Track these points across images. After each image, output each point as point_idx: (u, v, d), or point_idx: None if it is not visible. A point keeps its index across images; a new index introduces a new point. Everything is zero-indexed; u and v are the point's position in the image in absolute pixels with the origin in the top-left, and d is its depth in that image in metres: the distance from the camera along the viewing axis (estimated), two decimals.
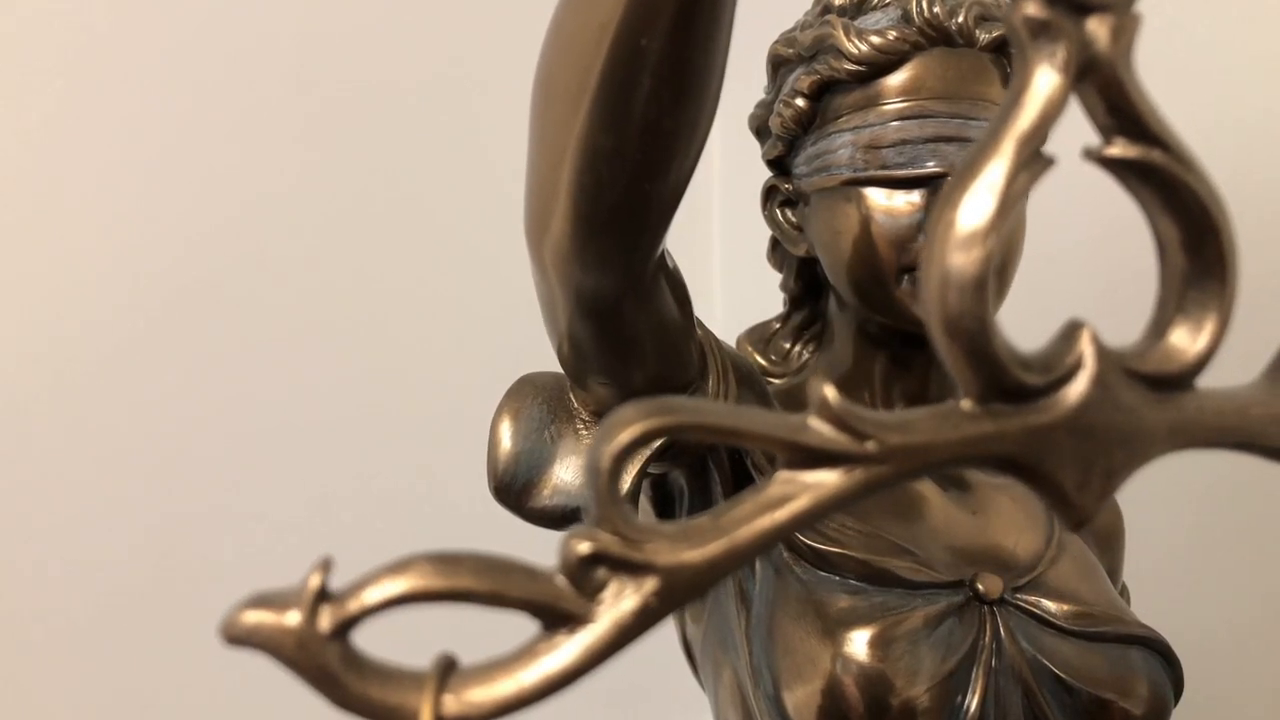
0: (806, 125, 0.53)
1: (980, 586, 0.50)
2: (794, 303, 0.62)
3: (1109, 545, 0.63)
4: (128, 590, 0.86)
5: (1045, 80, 0.21)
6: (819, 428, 0.20)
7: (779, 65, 0.55)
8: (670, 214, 0.39)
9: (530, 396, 0.48)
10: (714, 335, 0.50)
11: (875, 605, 0.48)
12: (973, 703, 0.48)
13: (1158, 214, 0.22)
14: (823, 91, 0.52)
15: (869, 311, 0.54)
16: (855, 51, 0.50)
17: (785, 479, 0.20)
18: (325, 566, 0.19)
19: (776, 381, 0.61)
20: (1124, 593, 0.67)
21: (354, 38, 1.00)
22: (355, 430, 0.98)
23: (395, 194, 1.02)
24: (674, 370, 0.46)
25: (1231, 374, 0.24)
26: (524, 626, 0.20)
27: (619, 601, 0.19)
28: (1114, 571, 0.64)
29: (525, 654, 0.19)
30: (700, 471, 0.51)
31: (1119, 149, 0.22)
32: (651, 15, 0.31)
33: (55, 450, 0.86)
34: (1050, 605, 0.51)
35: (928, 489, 0.55)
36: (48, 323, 0.87)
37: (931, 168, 0.49)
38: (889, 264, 0.51)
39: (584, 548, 0.19)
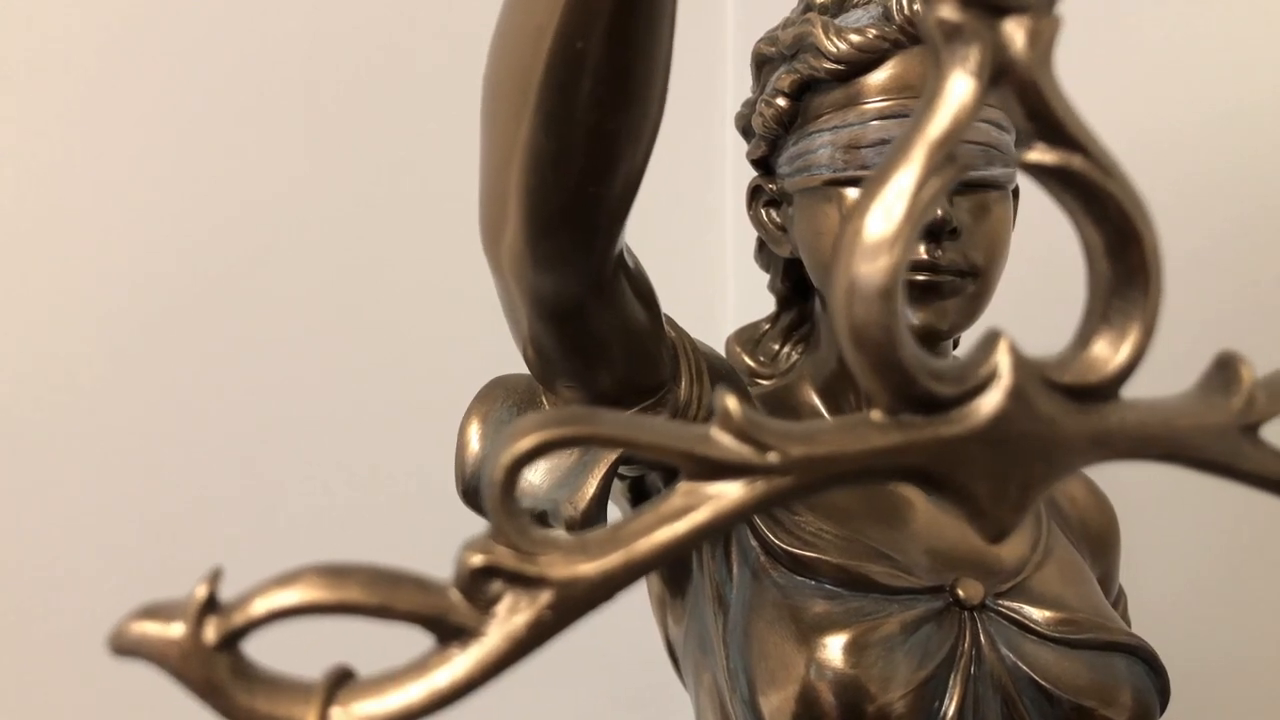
0: (788, 125, 0.53)
1: (960, 592, 0.50)
2: (782, 303, 0.61)
3: (1102, 550, 0.62)
4: (131, 590, 0.87)
5: (957, 85, 0.20)
6: (720, 439, 0.20)
7: (762, 64, 0.55)
8: (622, 215, 0.38)
9: (500, 399, 0.48)
10: (689, 336, 0.50)
11: (850, 610, 0.48)
12: (950, 709, 0.47)
13: (1081, 220, 0.22)
14: (803, 90, 0.52)
15: None
16: (834, 50, 0.49)
17: (687, 490, 0.20)
18: (214, 578, 0.19)
19: (765, 383, 0.61)
20: (1120, 596, 0.66)
21: (358, 40, 1.00)
22: (360, 427, 0.98)
23: (398, 193, 1.02)
24: (642, 373, 0.45)
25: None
26: None
27: (512, 615, 0.19)
28: (1108, 576, 0.63)
29: (417, 667, 0.19)
30: (676, 473, 0.51)
31: (1037, 154, 0.21)
32: (586, 18, 0.31)
33: (59, 448, 0.87)
34: (1033, 611, 0.50)
35: (912, 492, 0.55)
36: (54, 321, 0.88)
37: None
38: None
39: (476, 560, 0.19)
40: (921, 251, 0.49)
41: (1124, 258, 0.22)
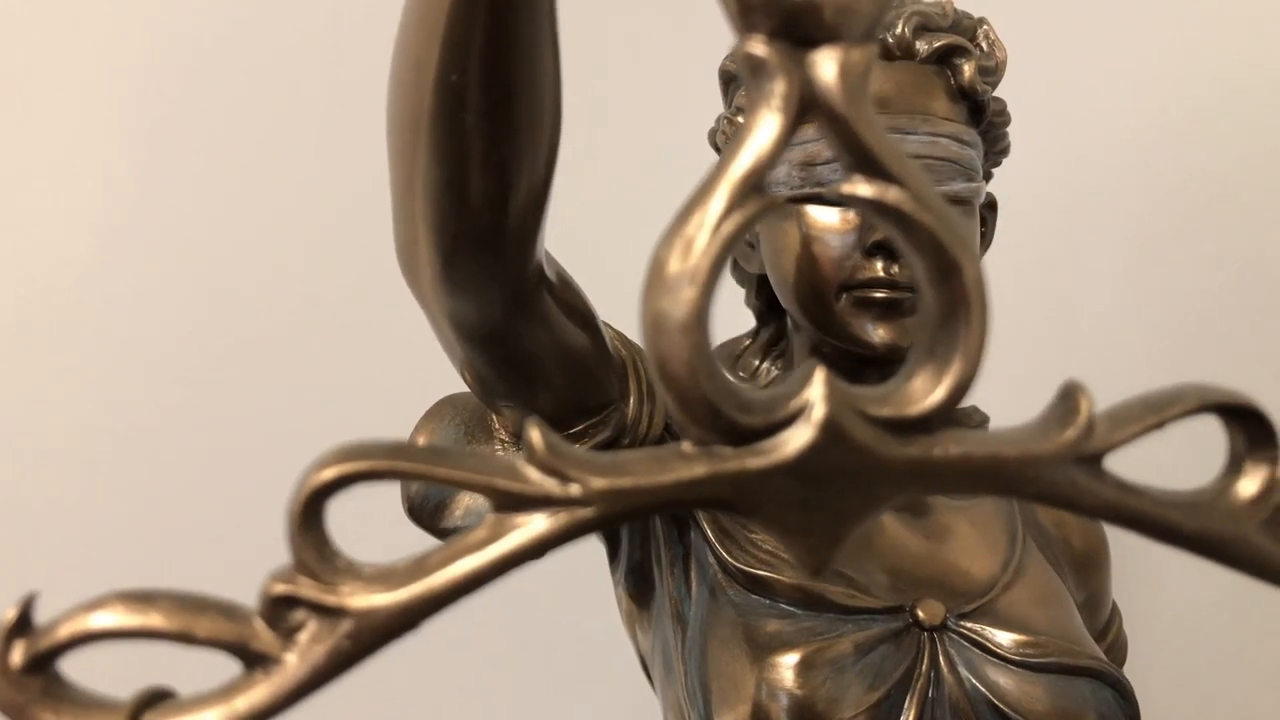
0: None
1: (920, 613, 0.49)
2: (760, 319, 0.61)
3: (1088, 571, 0.60)
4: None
5: (762, 121, 0.21)
6: (525, 471, 0.20)
7: (728, 81, 0.55)
8: (528, 237, 0.39)
9: (448, 418, 0.48)
10: (642, 353, 0.50)
11: (802, 630, 0.47)
12: None
13: (908, 252, 0.22)
14: None
15: (814, 329, 0.53)
16: None
17: (492, 522, 0.20)
18: (26, 602, 0.20)
19: None
20: (1114, 615, 0.64)
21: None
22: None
23: None
24: (584, 391, 0.46)
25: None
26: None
27: (314, 644, 0.20)
28: (1096, 596, 0.62)
29: (222, 692, 0.20)
30: None
31: (853, 186, 0.21)
32: (458, 52, 0.31)
33: (73, 460, 0.90)
34: (996, 633, 0.49)
35: None
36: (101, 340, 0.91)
37: None
38: (829, 281, 0.50)
39: (277, 589, 0.20)
40: (879, 269, 0.49)
41: (946, 289, 0.21)
